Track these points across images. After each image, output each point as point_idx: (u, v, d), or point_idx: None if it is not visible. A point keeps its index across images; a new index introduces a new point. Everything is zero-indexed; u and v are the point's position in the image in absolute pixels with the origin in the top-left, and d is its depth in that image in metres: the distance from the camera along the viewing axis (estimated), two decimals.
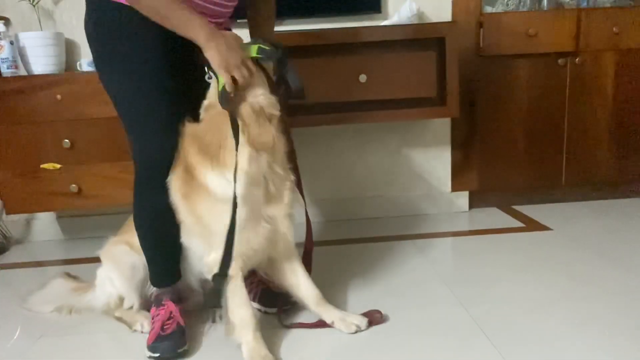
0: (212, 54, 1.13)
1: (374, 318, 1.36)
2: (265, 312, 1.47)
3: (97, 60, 1.26)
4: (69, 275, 1.65)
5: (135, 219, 1.36)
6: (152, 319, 1.34)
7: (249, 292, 1.42)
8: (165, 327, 1.29)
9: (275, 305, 1.46)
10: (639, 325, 1.28)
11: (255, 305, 1.48)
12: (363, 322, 1.33)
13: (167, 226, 1.32)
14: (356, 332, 1.32)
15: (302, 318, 1.41)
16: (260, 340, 1.22)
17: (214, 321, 1.42)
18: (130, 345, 1.34)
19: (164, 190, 1.27)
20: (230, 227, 1.17)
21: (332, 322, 1.34)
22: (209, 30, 1.13)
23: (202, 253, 1.30)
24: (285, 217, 1.30)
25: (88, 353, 1.32)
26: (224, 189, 1.18)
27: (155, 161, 1.26)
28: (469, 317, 1.38)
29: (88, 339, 1.39)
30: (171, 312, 1.32)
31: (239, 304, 1.24)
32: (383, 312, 1.38)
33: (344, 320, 1.34)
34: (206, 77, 1.20)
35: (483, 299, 1.49)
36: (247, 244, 1.24)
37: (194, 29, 1.13)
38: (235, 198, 1.16)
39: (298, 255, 1.41)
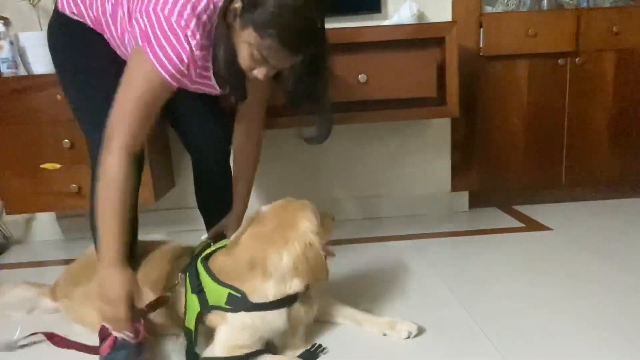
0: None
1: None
2: None
3: (59, 69, 1.40)
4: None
5: (94, 195, 1.24)
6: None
7: None
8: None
9: None
10: (639, 325, 1.28)
11: None
12: (413, 327, 1.28)
13: (129, 196, 1.22)
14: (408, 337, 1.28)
15: None
16: None
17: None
18: None
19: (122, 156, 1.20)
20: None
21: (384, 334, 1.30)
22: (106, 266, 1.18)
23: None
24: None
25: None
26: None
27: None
28: (469, 316, 1.38)
29: (88, 339, 1.39)
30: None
31: None
32: (383, 312, 1.38)
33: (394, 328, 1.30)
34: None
35: (483, 298, 1.49)
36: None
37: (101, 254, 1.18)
38: None
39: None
